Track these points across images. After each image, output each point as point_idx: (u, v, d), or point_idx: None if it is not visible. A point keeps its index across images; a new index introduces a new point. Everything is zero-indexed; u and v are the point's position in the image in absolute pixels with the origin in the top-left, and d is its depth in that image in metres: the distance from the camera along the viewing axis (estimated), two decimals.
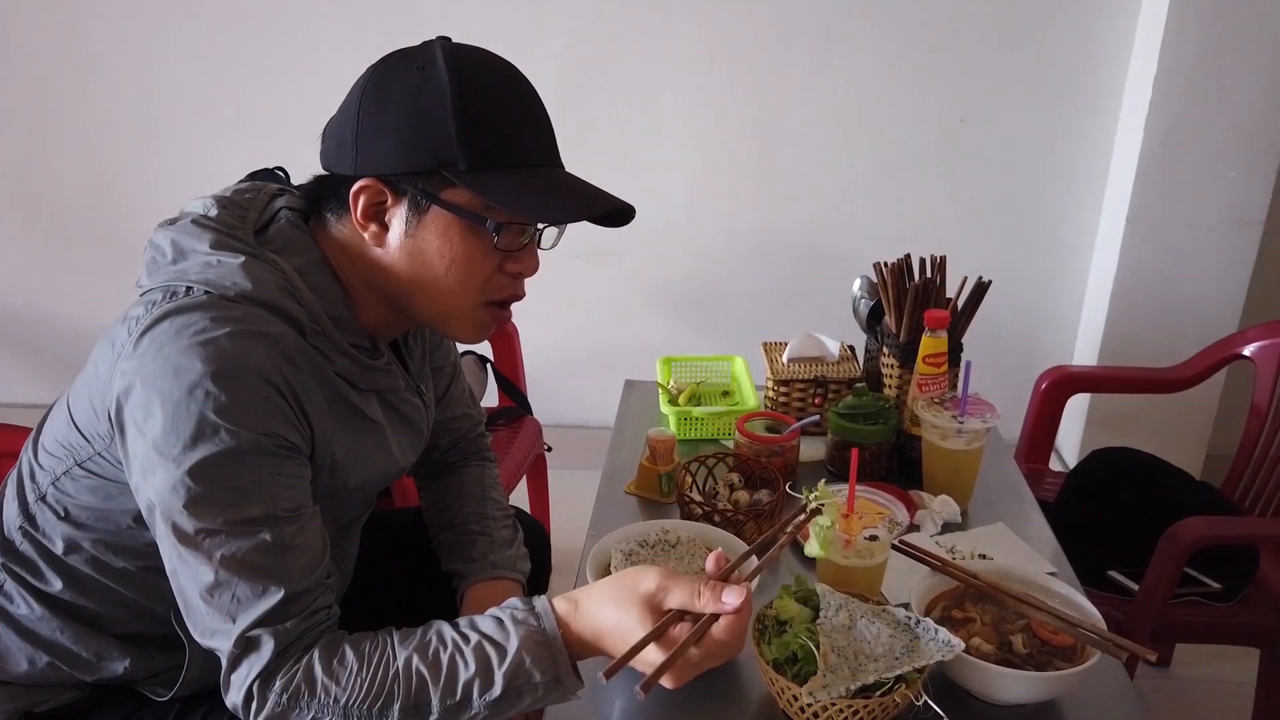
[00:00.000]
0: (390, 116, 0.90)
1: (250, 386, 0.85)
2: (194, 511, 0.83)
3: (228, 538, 0.84)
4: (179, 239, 0.93)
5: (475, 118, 0.89)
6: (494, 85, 0.92)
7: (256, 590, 0.84)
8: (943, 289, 1.49)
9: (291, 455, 0.89)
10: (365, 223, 0.93)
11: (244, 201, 0.99)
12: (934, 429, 1.36)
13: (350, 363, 0.97)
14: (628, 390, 1.76)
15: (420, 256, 0.93)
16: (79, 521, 0.97)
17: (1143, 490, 1.76)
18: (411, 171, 0.90)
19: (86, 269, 2.86)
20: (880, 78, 2.50)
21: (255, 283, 0.89)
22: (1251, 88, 2.27)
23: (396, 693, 0.84)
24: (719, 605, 0.85)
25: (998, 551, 1.26)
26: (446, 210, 0.91)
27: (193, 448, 0.83)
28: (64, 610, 1.00)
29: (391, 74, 0.91)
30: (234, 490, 0.84)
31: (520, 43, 2.52)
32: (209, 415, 0.83)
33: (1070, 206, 2.59)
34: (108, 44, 2.59)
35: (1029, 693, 0.97)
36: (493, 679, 0.85)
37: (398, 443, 1.08)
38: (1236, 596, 1.63)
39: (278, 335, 0.88)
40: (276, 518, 0.86)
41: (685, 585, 0.86)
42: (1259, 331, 1.88)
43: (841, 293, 1.73)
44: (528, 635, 0.87)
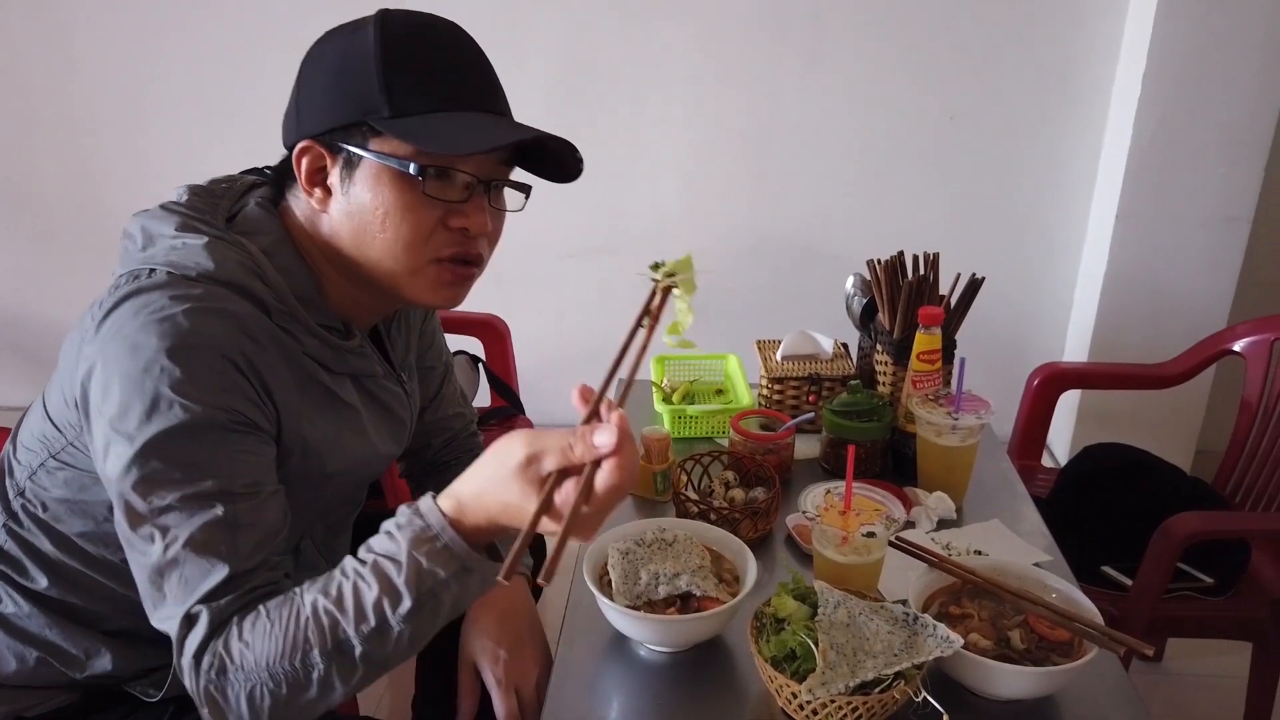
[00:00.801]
0: (322, 78, 0.92)
1: (206, 361, 0.84)
2: (147, 488, 0.82)
3: (180, 514, 0.83)
4: (148, 225, 0.93)
5: (397, 65, 0.89)
6: (422, 35, 0.91)
7: (204, 569, 0.83)
8: (936, 286, 1.49)
9: (250, 431, 0.87)
10: (310, 189, 0.93)
11: (219, 191, 0.99)
12: (928, 426, 1.36)
13: (320, 343, 0.96)
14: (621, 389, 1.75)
15: (358, 214, 0.92)
16: (58, 515, 0.97)
17: (1135, 486, 1.77)
18: (341, 126, 0.90)
19: (73, 269, 2.84)
20: (870, 76, 2.51)
21: (218, 262, 0.89)
22: (1239, 85, 2.28)
23: (312, 638, 0.81)
24: (595, 451, 0.77)
25: (993, 547, 1.26)
26: (375, 159, 0.90)
27: (147, 423, 0.82)
28: (52, 607, 1.00)
29: (327, 41, 0.94)
30: (188, 465, 0.83)
31: (512, 44, 2.51)
32: (163, 390, 0.82)
33: (1060, 203, 2.60)
34: (93, 44, 2.57)
35: (1027, 688, 0.97)
36: (398, 591, 0.81)
37: (376, 430, 1.06)
38: (1229, 591, 1.64)
39: (239, 313, 0.88)
40: (231, 493, 0.84)
41: (555, 443, 0.78)
42: (1249, 327, 1.89)
43: (834, 290, 1.73)
44: (415, 536, 0.82)
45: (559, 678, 1.05)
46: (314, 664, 0.82)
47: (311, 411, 0.96)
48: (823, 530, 1.11)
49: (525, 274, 2.76)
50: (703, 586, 1.06)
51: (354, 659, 0.83)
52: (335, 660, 0.82)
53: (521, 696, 1.09)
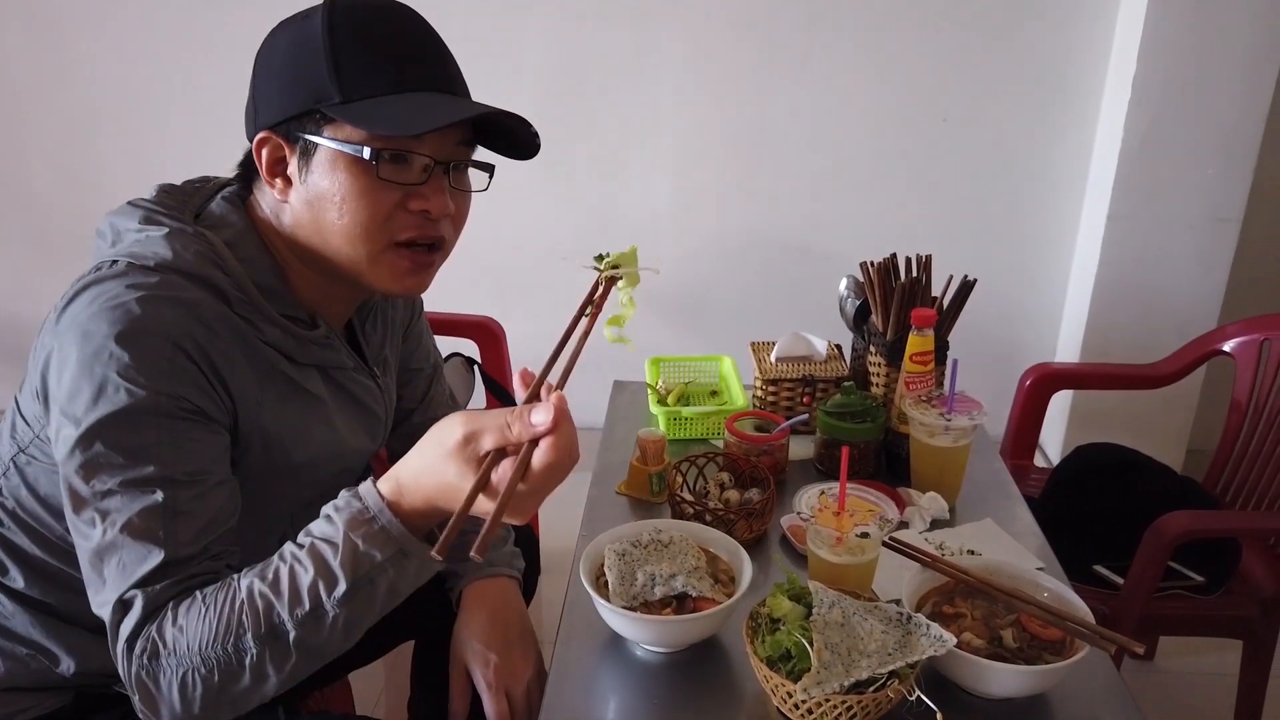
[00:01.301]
0: (275, 69, 0.92)
1: (155, 347, 0.85)
2: (89, 472, 0.83)
3: (120, 499, 0.83)
4: (115, 221, 0.95)
5: (347, 51, 0.89)
6: (371, 18, 0.91)
7: (140, 554, 0.83)
8: (928, 288, 1.50)
9: (198, 420, 0.87)
10: (271, 179, 0.94)
11: (189, 190, 1.00)
12: (921, 427, 1.37)
13: (281, 333, 0.96)
14: (616, 390, 1.76)
15: (317, 201, 0.93)
16: (33, 511, 0.98)
17: (1126, 485, 1.79)
18: (295, 115, 0.91)
19: (66, 272, 2.81)
20: (863, 77, 2.52)
21: (176, 252, 0.90)
22: (1229, 87, 2.30)
23: (245, 622, 0.81)
24: (532, 430, 0.76)
25: (986, 547, 1.27)
26: (329, 145, 0.90)
27: (93, 407, 0.83)
28: (34, 606, 1.00)
29: (278, 33, 0.94)
30: (130, 450, 0.84)
31: (504, 45, 2.52)
32: (110, 375, 0.83)
33: (1051, 205, 2.62)
34: (87, 46, 2.57)
35: (1019, 686, 0.98)
36: (334, 574, 0.81)
37: (346, 422, 1.06)
38: (1219, 589, 1.65)
39: (194, 301, 0.88)
40: (171, 480, 0.85)
41: (492, 422, 0.78)
42: (1238, 328, 1.90)
43: (827, 292, 1.74)
44: (352, 519, 0.82)
45: (556, 678, 1.05)
46: (247, 648, 0.81)
47: (273, 401, 0.96)
48: (817, 531, 1.12)
49: (520, 276, 2.77)
50: (699, 587, 1.07)
51: (288, 644, 0.82)
52: (269, 645, 0.82)
53: (512, 699, 1.09)
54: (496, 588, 1.15)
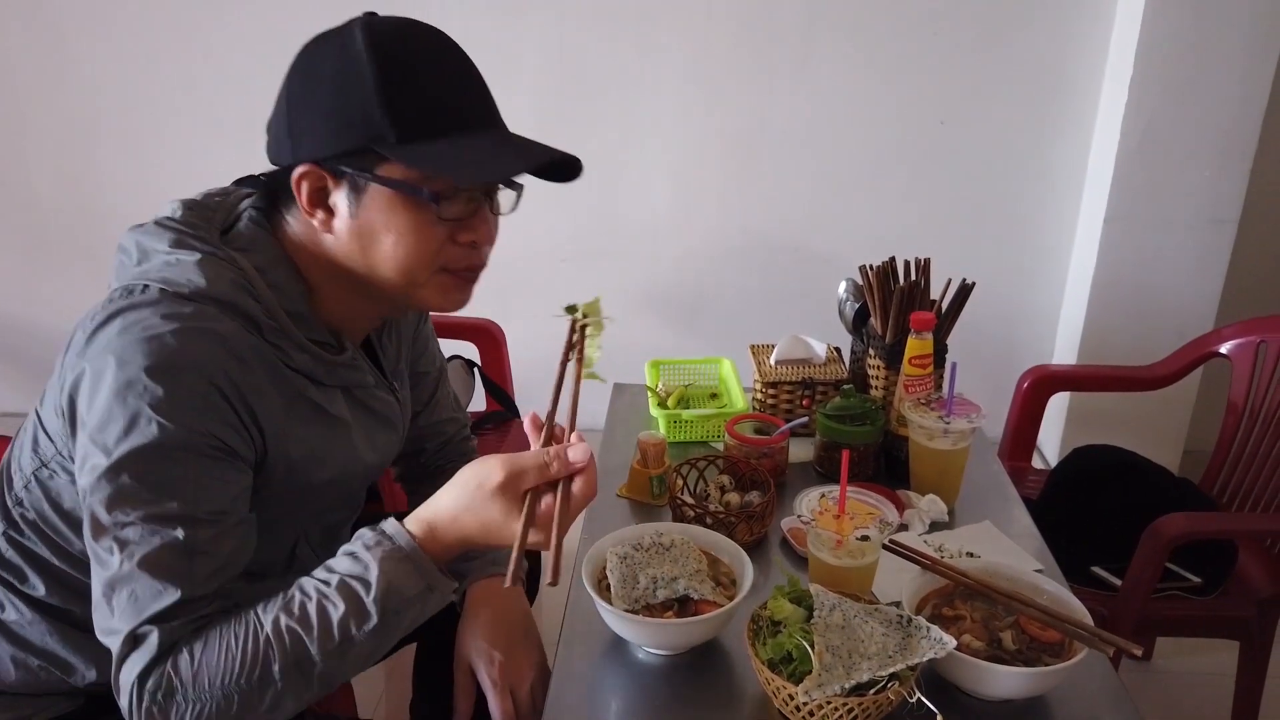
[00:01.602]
0: (317, 99, 0.90)
1: (189, 383, 0.85)
2: (114, 502, 0.83)
3: (141, 532, 0.83)
4: (142, 240, 0.94)
5: (399, 88, 0.88)
6: (416, 52, 0.91)
7: (155, 589, 0.83)
8: (927, 291, 1.51)
9: (225, 458, 0.88)
10: (311, 210, 0.93)
11: (212, 204, 0.99)
12: (920, 429, 1.38)
13: (310, 358, 0.96)
14: (616, 393, 1.76)
15: (368, 235, 0.93)
16: (54, 525, 0.98)
17: (1123, 487, 1.79)
18: (345, 151, 0.90)
19: (67, 275, 2.84)
20: (860, 81, 2.53)
21: (210, 280, 0.89)
22: (1225, 89, 2.31)
23: (273, 655, 0.83)
24: (570, 467, 0.86)
25: (985, 549, 1.28)
26: (384, 186, 0.90)
27: (124, 438, 0.83)
28: (53, 614, 1.01)
29: (313, 57, 0.92)
30: (157, 485, 0.84)
31: (503, 46, 2.53)
32: (144, 408, 0.83)
33: (1048, 207, 2.63)
34: (87, 49, 2.58)
35: (1019, 688, 0.99)
36: (367, 610, 0.85)
37: (366, 439, 1.07)
38: (1216, 590, 1.66)
39: (228, 333, 0.88)
40: (194, 519, 0.85)
41: (532, 462, 0.86)
42: (1235, 330, 1.91)
43: (826, 295, 1.75)
44: (386, 556, 0.86)
45: (558, 680, 1.06)
46: (272, 681, 0.84)
47: (297, 428, 0.96)
48: (818, 534, 1.12)
49: (520, 279, 2.77)
50: (700, 590, 1.07)
51: (311, 676, 0.85)
52: (293, 677, 0.84)
53: (517, 698, 1.10)
54: (499, 587, 1.16)
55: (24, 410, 1.07)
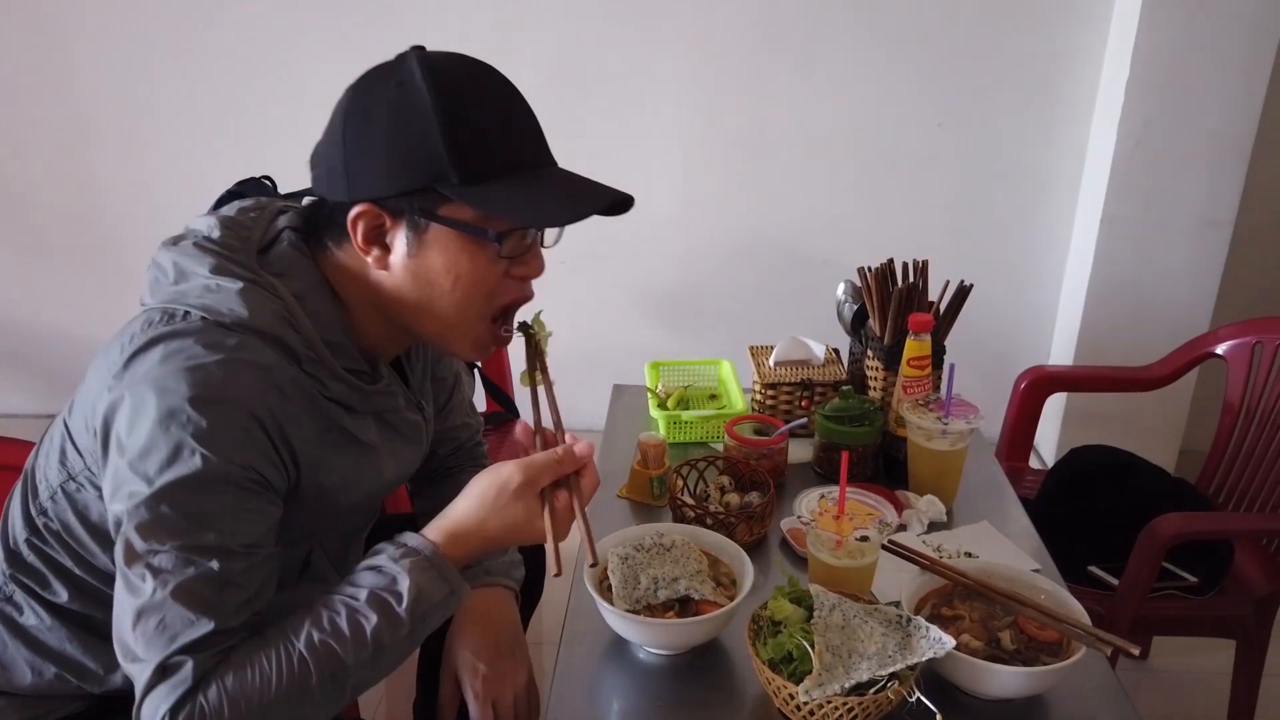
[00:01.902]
0: (376, 138, 0.89)
1: (232, 416, 0.85)
2: (149, 531, 0.83)
3: (175, 562, 0.84)
4: (180, 261, 0.93)
5: (461, 129, 0.88)
6: (475, 91, 0.91)
7: (188, 620, 0.83)
8: (925, 293, 1.52)
9: (261, 491, 0.89)
10: (367, 247, 0.92)
11: (247, 221, 0.98)
12: (919, 430, 1.39)
13: (346, 388, 0.97)
14: (616, 394, 1.77)
15: (425, 274, 0.93)
16: (78, 533, 0.98)
17: (1120, 487, 1.80)
18: (405, 192, 0.89)
19: (67, 277, 2.84)
20: (860, 83, 2.54)
21: (252, 311, 0.89)
22: (1221, 91, 2.32)
23: (309, 671, 0.85)
24: (579, 462, 0.94)
25: (983, 549, 1.29)
26: (447, 226, 0.91)
27: (166, 469, 0.83)
28: (73, 620, 1.01)
29: (370, 93, 0.91)
30: (195, 515, 0.84)
31: (504, 47, 2.52)
32: (187, 439, 0.83)
33: (1045, 209, 2.64)
34: (88, 51, 2.58)
35: (1017, 687, 1.00)
36: (399, 619, 0.88)
37: (395, 460, 1.08)
38: (1212, 590, 1.67)
39: (270, 365, 0.89)
40: (230, 550, 0.86)
41: (544, 462, 0.92)
42: (1231, 331, 1.92)
43: (825, 295, 1.76)
44: (414, 566, 0.90)
45: (560, 681, 1.07)
46: (309, 694, 0.85)
47: (330, 456, 0.97)
48: (817, 534, 1.13)
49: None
50: (701, 590, 1.08)
51: (345, 686, 0.87)
52: (328, 689, 0.86)
53: (500, 709, 1.11)
54: (490, 598, 1.16)
55: (23, 411, 1.07)
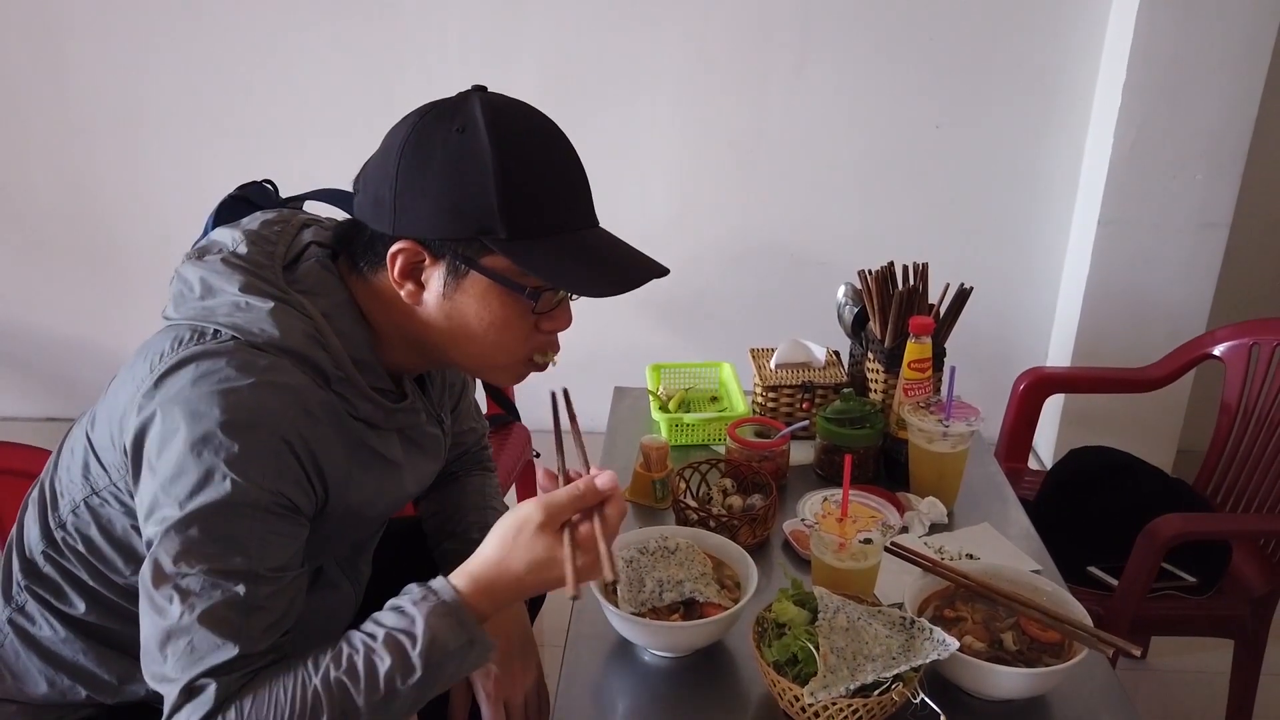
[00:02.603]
0: (431, 180, 0.90)
1: (264, 441, 0.86)
2: (179, 553, 0.84)
3: (203, 585, 0.84)
4: (208, 277, 0.93)
5: (517, 187, 0.89)
6: (536, 151, 0.92)
7: (214, 643, 0.84)
8: (925, 295, 1.53)
9: (291, 515, 0.89)
10: (402, 281, 0.93)
11: (272, 235, 0.98)
12: (920, 433, 1.39)
13: (373, 406, 0.98)
14: (618, 397, 1.78)
15: (458, 317, 0.94)
16: (100, 548, 0.98)
17: (1119, 488, 1.81)
18: (451, 237, 0.91)
19: (64, 279, 2.84)
20: (858, 85, 2.55)
21: (283, 331, 0.90)
22: (1216, 94, 2.34)
23: (321, 707, 0.85)
24: (600, 494, 0.90)
25: (984, 551, 1.30)
26: (485, 276, 0.92)
27: (197, 494, 0.84)
28: (88, 632, 1.01)
29: (431, 135, 0.91)
30: (224, 540, 0.85)
31: (503, 50, 2.54)
32: (219, 464, 0.84)
33: (1043, 210, 2.65)
34: (85, 51, 2.58)
35: (1020, 688, 1.01)
36: (411, 663, 0.87)
37: (415, 474, 1.09)
38: (1211, 590, 1.68)
39: (300, 387, 0.89)
40: (257, 575, 0.86)
41: (567, 497, 0.89)
42: (1228, 332, 1.93)
43: (825, 298, 1.77)
44: (431, 611, 0.88)
45: (565, 683, 1.07)
46: None
47: (357, 474, 0.98)
48: (821, 537, 1.14)
49: None
50: (705, 593, 1.09)
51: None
52: None
53: (511, 709, 1.11)
54: None
55: (23, 415, 1.07)
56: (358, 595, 1.16)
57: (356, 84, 2.51)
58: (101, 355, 2.83)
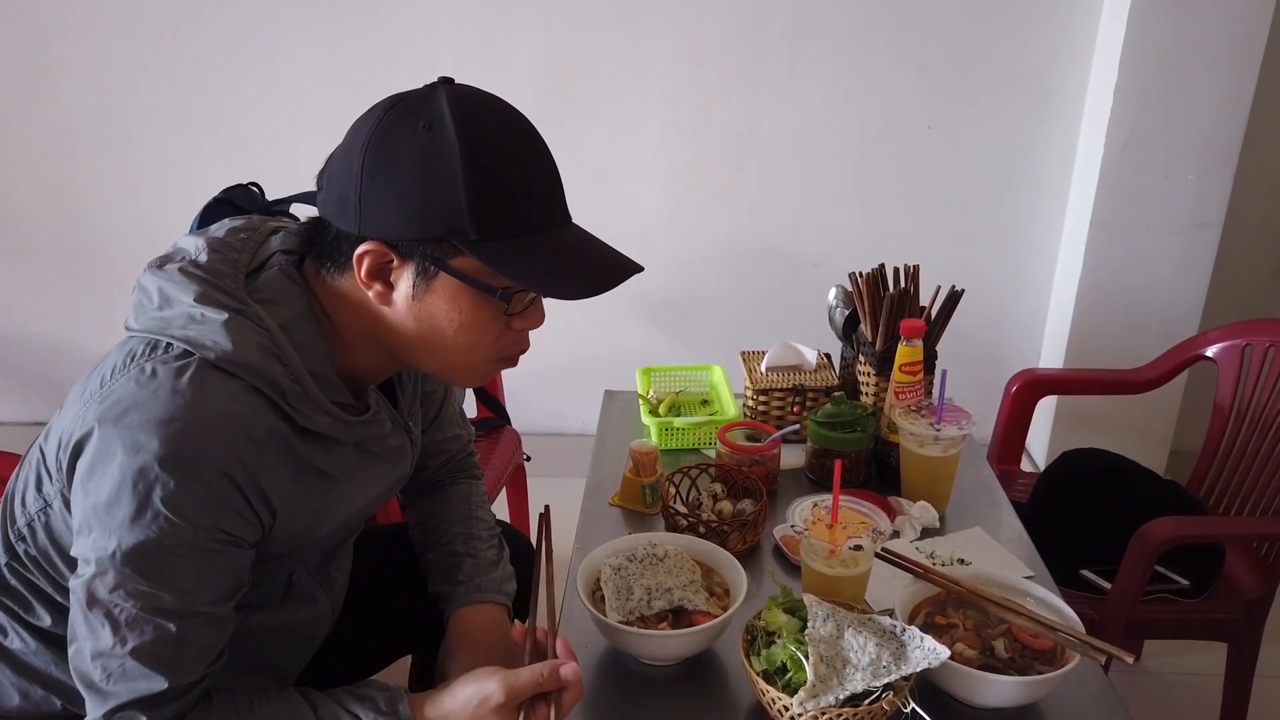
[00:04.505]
0: (397, 180, 0.86)
1: (203, 478, 0.83)
2: (111, 586, 0.83)
3: (134, 618, 0.83)
4: (165, 287, 0.91)
5: (486, 187, 0.86)
6: (505, 148, 0.89)
7: (143, 673, 0.84)
8: (917, 298, 1.52)
9: (230, 549, 0.88)
10: (370, 282, 0.90)
11: (237, 243, 0.95)
12: (911, 436, 1.38)
13: (331, 420, 0.94)
14: (607, 400, 1.77)
15: (428, 319, 0.92)
16: (55, 563, 0.96)
17: (1112, 490, 1.81)
18: (419, 238, 0.87)
19: (52, 283, 2.82)
20: (848, 87, 2.54)
21: (236, 344, 0.86)
22: (1208, 94, 2.33)
23: None
24: (562, 682, 0.95)
25: (976, 556, 1.29)
26: (454, 277, 0.89)
27: (130, 528, 0.82)
28: (57, 644, 0.99)
29: (397, 132, 0.87)
30: (156, 578, 0.84)
31: (492, 49, 2.52)
32: (154, 501, 0.82)
33: (1035, 211, 2.64)
34: (70, 53, 2.55)
35: (1012, 697, 1.00)
36: None
37: (373, 485, 1.06)
38: (1204, 593, 1.68)
39: (246, 415, 0.86)
40: (190, 612, 0.85)
41: (528, 681, 0.93)
42: (1220, 333, 1.93)
43: (816, 300, 1.75)
44: None
45: None
46: None
47: (304, 498, 0.95)
48: (811, 544, 1.13)
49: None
50: (694, 601, 1.08)
51: None
52: None
53: None
54: (481, 615, 1.15)
55: (10, 420, 1.05)
56: (334, 604, 1.14)
57: (345, 86, 2.49)
58: (88, 359, 2.75)
